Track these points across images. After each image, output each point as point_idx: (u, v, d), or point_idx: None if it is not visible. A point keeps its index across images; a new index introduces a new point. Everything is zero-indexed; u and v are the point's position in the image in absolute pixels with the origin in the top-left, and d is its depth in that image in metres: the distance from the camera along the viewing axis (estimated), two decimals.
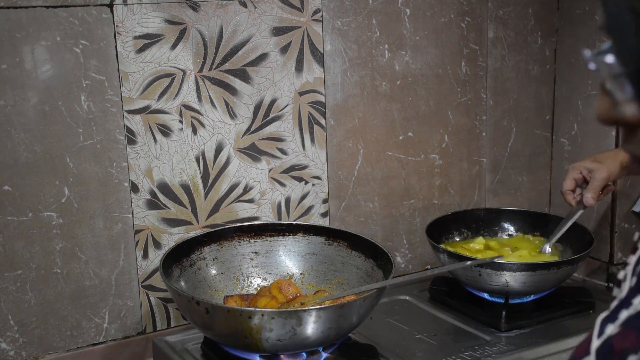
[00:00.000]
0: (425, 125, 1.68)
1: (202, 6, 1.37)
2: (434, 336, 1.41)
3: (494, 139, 1.80)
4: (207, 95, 1.41)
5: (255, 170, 1.49)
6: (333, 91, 1.55)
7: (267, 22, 1.44)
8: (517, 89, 1.81)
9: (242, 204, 1.49)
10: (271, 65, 1.46)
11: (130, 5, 1.31)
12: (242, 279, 1.44)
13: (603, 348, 0.58)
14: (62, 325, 1.34)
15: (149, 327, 1.43)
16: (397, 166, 1.67)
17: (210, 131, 1.43)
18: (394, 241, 1.70)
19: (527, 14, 1.78)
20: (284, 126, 1.50)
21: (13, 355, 1.30)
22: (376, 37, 1.58)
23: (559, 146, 1.87)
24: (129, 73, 1.33)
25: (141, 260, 1.40)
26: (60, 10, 1.25)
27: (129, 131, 1.35)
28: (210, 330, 1.23)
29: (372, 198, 1.65)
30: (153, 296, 1.43)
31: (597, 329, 0.60)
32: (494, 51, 1.75)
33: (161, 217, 1.41)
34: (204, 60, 1.39)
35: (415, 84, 1.65)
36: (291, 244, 1.47)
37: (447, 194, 1.75)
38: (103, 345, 1.38)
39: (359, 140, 1.60)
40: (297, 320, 1.13)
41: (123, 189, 1.36)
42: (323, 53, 1.52)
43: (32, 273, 1.30)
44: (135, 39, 1.32)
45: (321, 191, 1.58)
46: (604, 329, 0.59)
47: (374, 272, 1.37)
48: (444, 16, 1.66)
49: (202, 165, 1.43)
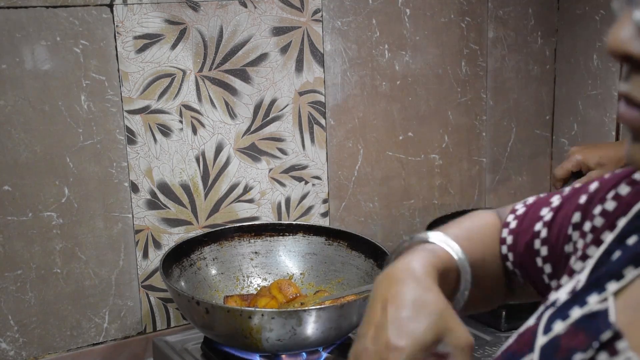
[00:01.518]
0: (425, 125, 1.68)
1: (202, 6, 1.37)
2: None
3: (494, 139, 1.80)
4: (207, 95, 1.41)
5: (255, 170, 1.49)
6: (333, 91, 1.55)
7: (267, 22, 1.44)
8: (517, 89, 1.81)
9: (242, 204, 1.49)
10: (271, 65, 1.46)
11: (130, 5, 1.31)
12: (242, 279, 1.44)
13: (549, 346, 0.55)
14: (62, 325, 1.34)
15: (149, 327, 1.43)
16: (397, 166, 1.67)
17: (210, 131, 1.43)
18: (394, 241, 1.70)
19: (527, 14, 1.78)
20: (284, 126, 1.50)
21: (13, 355, 1.30)
22: (376, 37, 1.58)
23: (559, 146, 1.87)
24: (129, 73, 1.33)
25: (141, 260, 1.40)
26: (60, 10, 1.25)
27: (129, 131, 1.35)
28: (210, 330, 1.23)
29: (372, 198, 1.65)
30: (153, 296, 1.43)
31: (543, 325, 0.57)
32: (494, 51, 1.75)
33: (161, 217, 1.41)
34: (204, 60, 1.39)
35: (415, 84, 1.65)
36: (291, 244, 1.47)
37: (447, 194, 1.75)
38: (103, 345, 1.38)
39: (359, 140, 1.60)
40: (297, 320, 1.13)
41: (123, 189, 1.36)
42: (323, 53, 1.52)
43: (32, 273, 1.30)
44: (135, 39, 1.32)
45: (321, 191, 1.57)
46: (552, 326, 0.56)
47: (374, 272, 1.37)
48: (444, 16, 1.66)
49: (202, 165, 1.43)
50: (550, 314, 0.57)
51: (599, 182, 0.68)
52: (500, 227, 0.78)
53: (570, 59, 1.81)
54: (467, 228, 0.77)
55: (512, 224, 0.77)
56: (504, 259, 0.77)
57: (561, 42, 1.82)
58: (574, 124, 1.82)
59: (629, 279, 0.54)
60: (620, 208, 0.61)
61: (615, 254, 0.57)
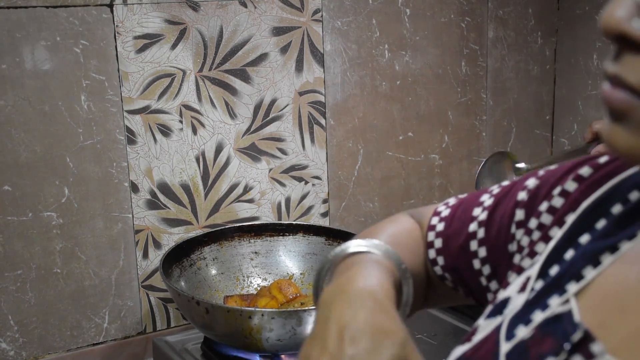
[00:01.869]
0: (425, 125, 1.68)
1: (202, 6, 1.37)
2: (434, 336, 1.40)
3: (494, 139, 1.80)
4: (207, 95, 1.41)
5: (255, 170, 1.49)
6: (333, 91, 1.55)
7: (267, 22, 1.44)
8: (517, 89, 1.81)
9: (242, 204, 1.49)
10: (271, 65, 1.46)
11: (130, 5, 1.31)
12: (242, 279, 1.44)
13: (515, 352, 0.53)
14: (62, 325, 1.34)
15: (149, 327, 1.43)
16: (397, 166, 1.67)
17: (210, 131, 1.43)
18: None
19: (527, 14, 1.78)
20: (284, 126, 1.50)
21: (13, 355, 1.30)
22: (376, 37, 1.58)
23: (559, 146, 1.87)
24: (129, 73, 1.33)
25: (141, 260, 1.40)
26: (60, 10, 1.25)
27: (129, 131, 1.35)
28: (210, 330, 1.23)
29: (372, 198, 1.65)
30: (153, 296, 1.43)
31: (504, 331, 0.55)
32: (494, 51, 1.75)
33: (161, 217, 1.41)
34: (204, 60, 1.39)
35: (415, 84, 1.65)
36: (291, 244, 1.47)
37: (447, 194, 1.75)
38: (103, 345, 1.38)
39: (359, 140, 1.60)
40: (297, 320, 1.13)
41: (123, 189, 1.36)
42: (323, 53, 1.52)
43: (32, 273, 1.30)
44: (135, 39, 1.32)
45: (321, 191, 1.58)
46: (514, 332, 0.54)
47: None
48: (444, 16, 1.66)
49: (202, 165, 1.43)
50: (510, 319, 0.56)
51: (537, 179, 0.66)
52: (424, 231, 0.74)
53: (570, 59, 1.81)
54: (393, 234, 0.73)
55: (439, 226, 0.73)
56: (432, 264, 0.73)
57: (561, 42, 1.82)
58: (574, 124, 1.82)
59: (588, 279, 0.53)
60: (568, 204, 0.60)
61: (568, 252, 0.57)
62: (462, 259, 0.70)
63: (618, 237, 0.54)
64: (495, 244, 0.68)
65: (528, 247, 0.62)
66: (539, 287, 0.57)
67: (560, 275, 0.55)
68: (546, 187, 0.64)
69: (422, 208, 0.79)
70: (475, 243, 0.69)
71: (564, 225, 0.59)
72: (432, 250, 0.73)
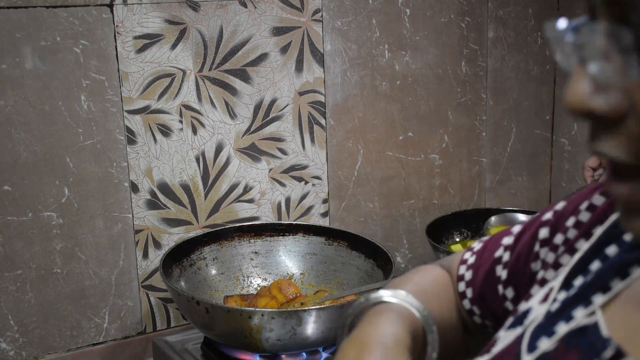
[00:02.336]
0: (425, 125, 1.68)
1: (202, 6, 1.37)
2: None
3: (494, 139, 1.80)
4: (207, 95, 1.41)
5: (255, 170, 1.49)
6: (333, 91, 1.55)
7: (267, 22, 1.44)
8: (517, 89, 1.81)
9: (242, 204, 1.49)
10: (271, 65, 1.46)
11: (130, 5, 1.31)
12: (242, 279, 1.44)
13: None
14: (62, 325, 1.34)
15: (149, 327, 1.43)
16: (397, 166, 1.67)
17: (210, 131, 1.43)
18: (394, 241, 1.70)
19: (527, 14, 1.78)
20: (284, 126, 1.50)
21: (13, 355, 1.30)
22: (376, 37, 1.58)
23: (559, 146, 1.87)
24: (129, 73, 1.33)
25: (141, 260, 1.40)
26: (60, 10, 1.25)
27: (129, 131, 1.35)
28: (210, 330, 1.23)
29: (372, 198, 1.65)
30: (153, 296, 1.43)
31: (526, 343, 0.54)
32: (494, 51, 1.75)
33: (161, 217, 1.41)
34: (204, 60, 1.39)
35: (415, 84, 1.65)
36: (291, 244, 1.47)
37: (447, 194, 1.75)
38: (103, 345, 1.38)
39: (359, 140, 1.60)
40: (297, 320, 1.13)
41: (123, 189, 1.36)
42: (323, 53, 1.52)
43: (32, 273, 1.30)
44: (135, 39, 1.32)
45: (321, 191, 1.58)
46: (537, 344, 0.53)
47: (374, 272, 1.37)
48: (444, 16, 1.66)
49: (202, 165, 1.43)
50: (532, 330, 0.55)
51: (565, 201, 0.66)
52: (454, 272, 0.75)
53: None
54: (418, 283, 0.74)
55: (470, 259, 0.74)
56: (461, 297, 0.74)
57: None
58: (574, 124, 1.81)
59: (615, 291, 0.52)
60: (596, 217, 0.60)
61: (594, 263, 0.56)
62: (488, 287, 0.71)
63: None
64: (515, 264, 0.68)
65: (553, 261, 0.62)
66: (562, 297, 0.55)
67: (585, 286, 0.54)
68: (573, 205, 0.64)
69: (451, 255, 0.80)
70: (500, 267, 0.70)
71: (591, 237, 0.58)
72: (462, 282, 0.74)
